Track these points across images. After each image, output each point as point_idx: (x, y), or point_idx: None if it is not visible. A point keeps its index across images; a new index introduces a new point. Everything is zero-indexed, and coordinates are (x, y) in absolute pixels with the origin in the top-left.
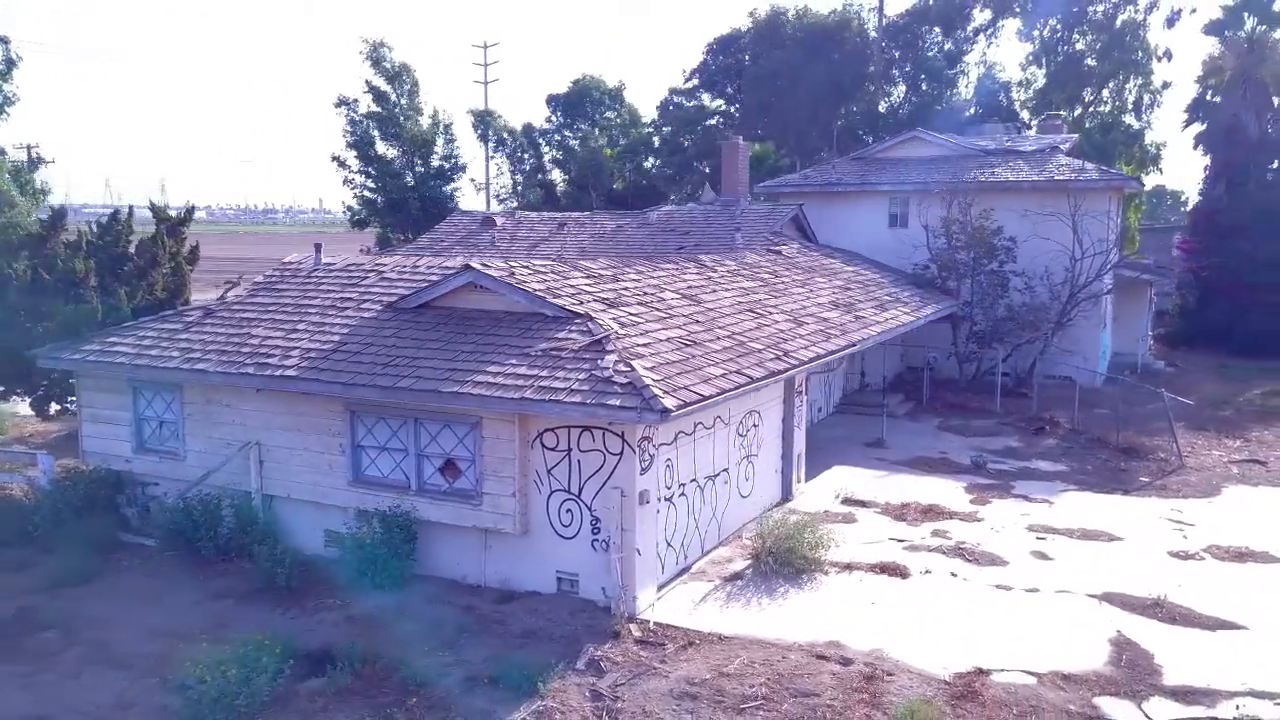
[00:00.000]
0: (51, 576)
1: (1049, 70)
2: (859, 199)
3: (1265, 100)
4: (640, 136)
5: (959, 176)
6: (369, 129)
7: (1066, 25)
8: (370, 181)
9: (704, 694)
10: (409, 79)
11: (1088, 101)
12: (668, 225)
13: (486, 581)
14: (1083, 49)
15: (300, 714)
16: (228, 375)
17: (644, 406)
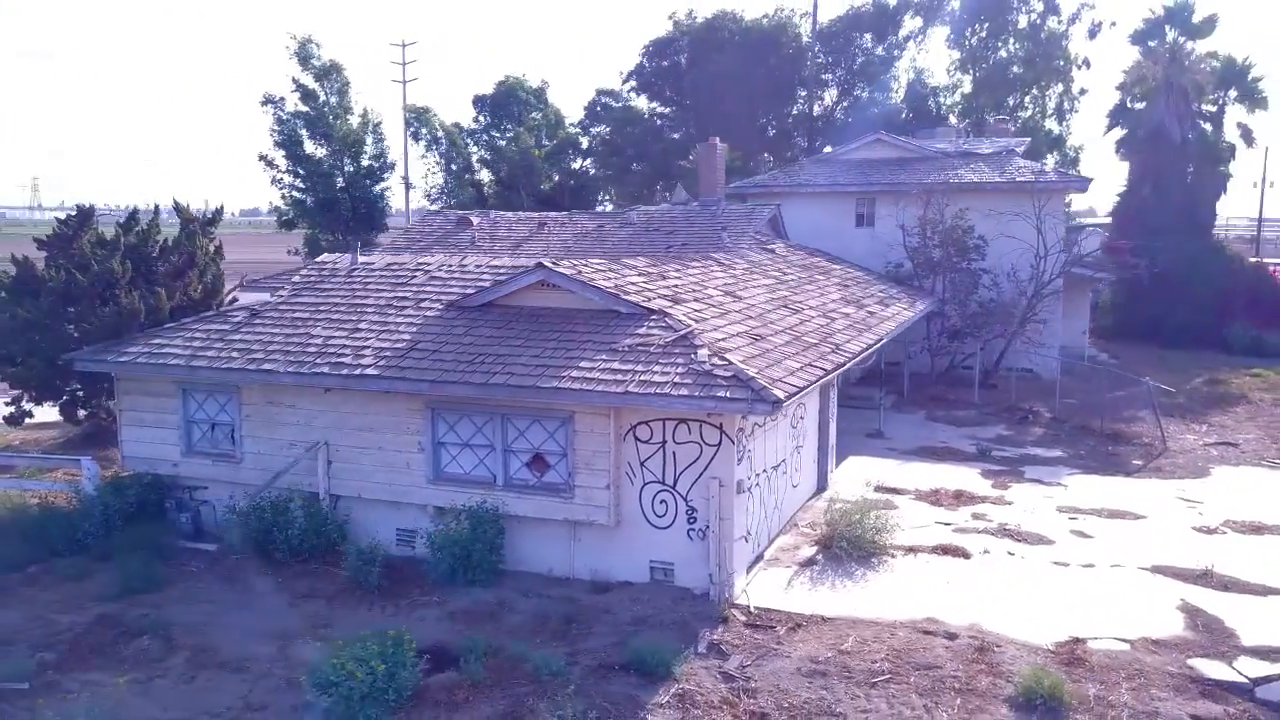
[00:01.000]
0: (120, 584)
1: (976, 77)
2: (827, 199)
3: (1186, 107)
4: (567, 137)
5: (924, 178)
6: (297, 128)
7: (993, 34)
8: (299, 182)
9: (831, 671)
10: (339, 78)
11: (1012, 107)
12: (650, 225)
13: (575, 574)
14: (1005, 57)
15: (444, 706)
16: (299, 375)
17: (754, 398)
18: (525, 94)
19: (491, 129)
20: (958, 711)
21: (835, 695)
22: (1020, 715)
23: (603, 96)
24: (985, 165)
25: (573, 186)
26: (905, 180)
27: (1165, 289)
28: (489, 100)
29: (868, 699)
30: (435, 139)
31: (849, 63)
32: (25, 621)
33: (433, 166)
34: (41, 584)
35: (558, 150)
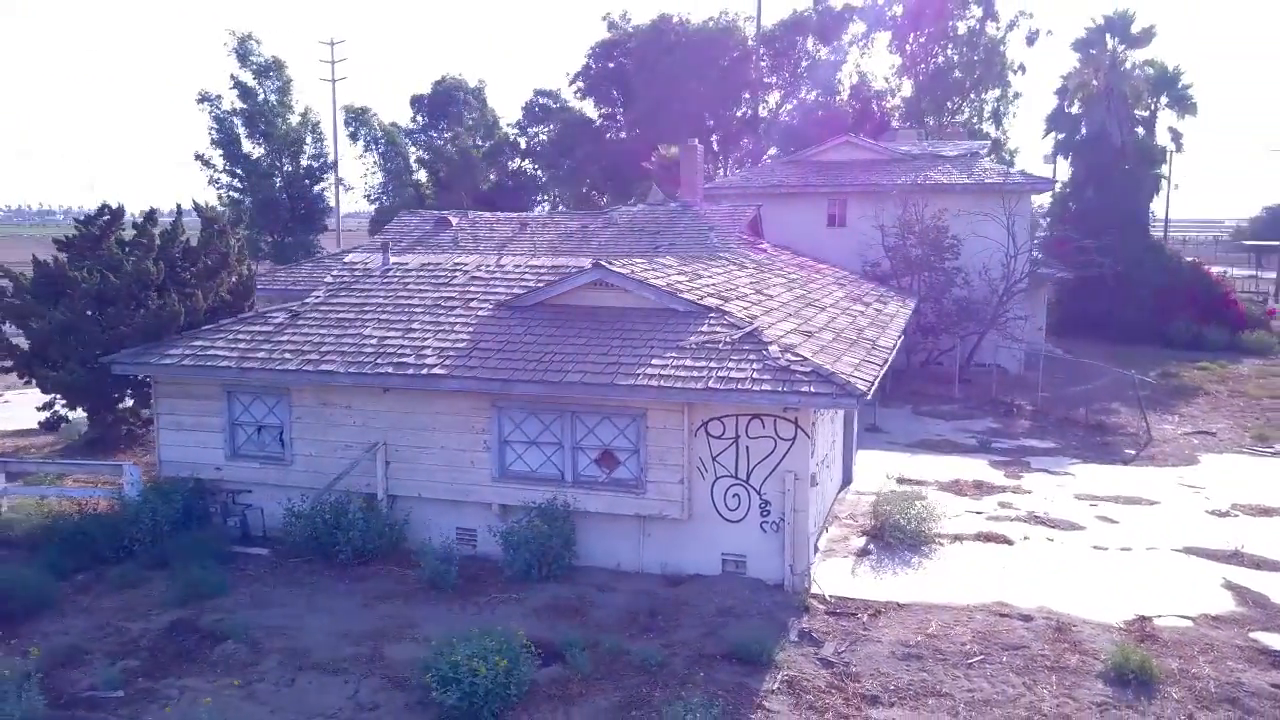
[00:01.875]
0: (183, 590)
1: (917, 81)
2: (799, 200)
3: (1126, 112)
4: (504, 137)
5: (895, 179)
6: (235, 126)
7: (934, 39)
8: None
9: (925, 653)
10: (280, 75)
11: (952, 110)
12: (635, 225)
13: (643, 567)
14: (943, 62)
15: (559, 700)
16: (361, 376)
17: (840, 392)
18: (464, 94)
19: (430, 129)
20: (1055, 688)
21: (936, 676)
22: (1115, 690)
23: (541, 97)
24: (953, 167)
25: (510, 186)
26: (877, 181)
27: (1110, 287)
28: (427, 100)
29: (968, 679)
30: (374, 139)
31: (793, 66)
32: (94, 630)
33: (371, 167)
34: (95, 592)
35: (495, 150)
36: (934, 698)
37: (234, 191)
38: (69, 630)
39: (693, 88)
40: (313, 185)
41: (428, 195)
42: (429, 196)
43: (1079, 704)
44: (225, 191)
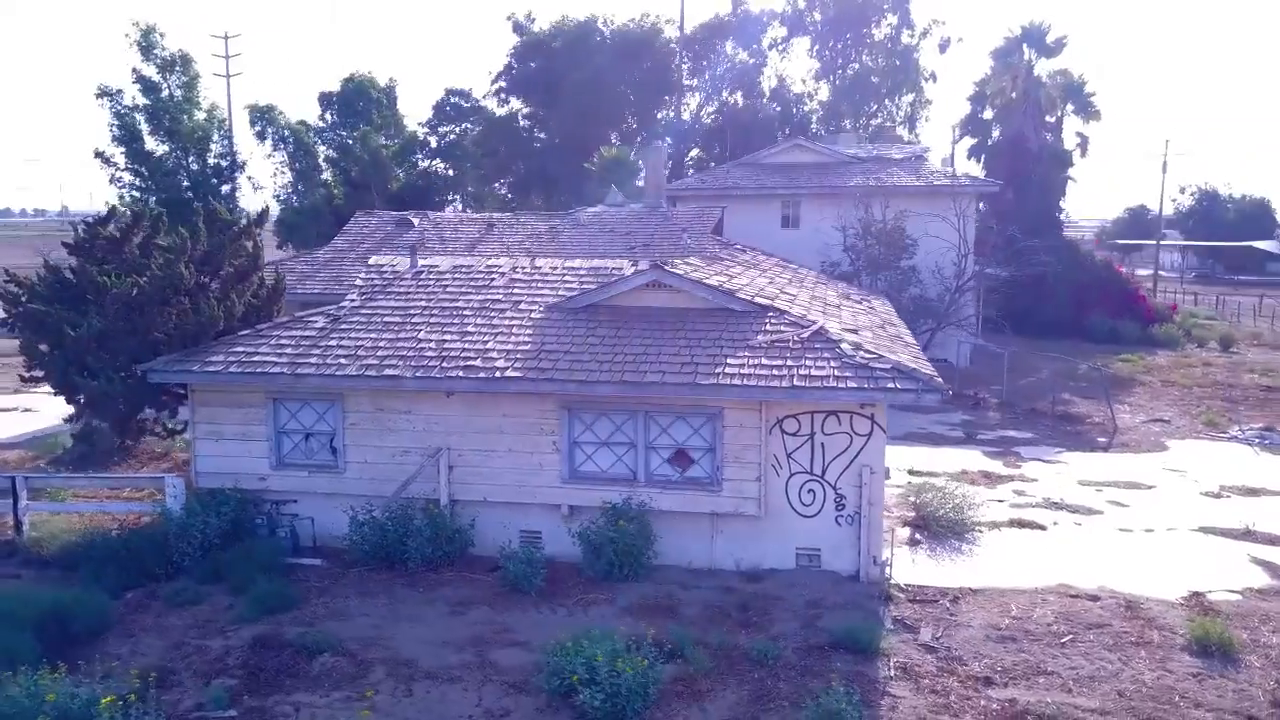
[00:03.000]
0: (254, 605)
1: (837, 85)
2: (754, 202)
3: (1041, 118)
4: (413, 136)
5: (846, 181)
6: (137, 123)
7: (852, 45)
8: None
9: (1018, 635)
10: (187, 70)
11: (868, 115)
12: (604, 226)
13: (716, 564)
14: (860, 68)
15: (692, 695)
16: (429, 380)
17: (925, 387)
18: (375, 92)
19: (339, 127)
20: (1148, 662)
21: (1036, 656)
22: (1203, 661)
23: (453, 96)
24: (900, 170)
25: (420, 186)
26: (830, 184)
27: (1032, 284)
28: (336, 98)
29: (1066, 657)
30: (282, 138)
31: (713, 69)
32: (171, 649)
33: (280, 166)
34: (154, 610)
35: (405, 149)
36: (1042, 676)
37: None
38: (144, 651)
39: (618, 89)
40: (221, 185)
41: (336, 196)
42: (337, 197)
43: (1176, 675)
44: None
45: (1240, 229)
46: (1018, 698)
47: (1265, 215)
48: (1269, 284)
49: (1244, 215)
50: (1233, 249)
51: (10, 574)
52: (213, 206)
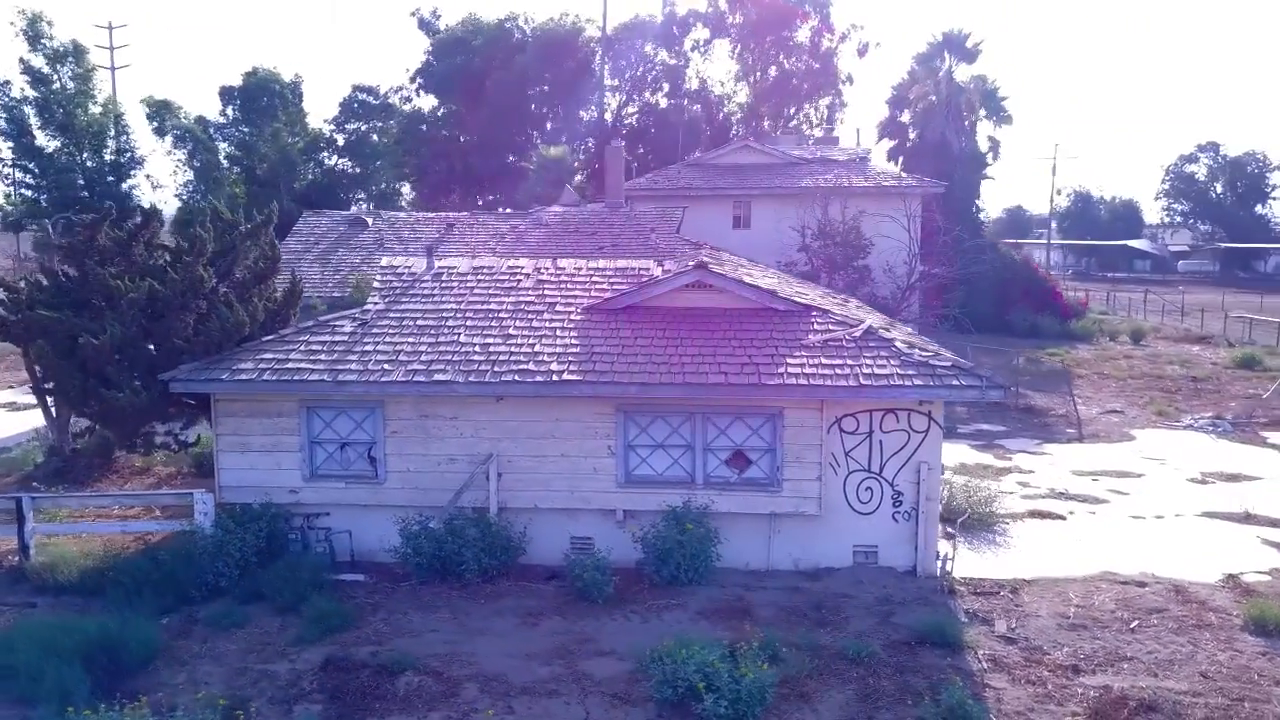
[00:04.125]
0: (310, 625)
1: (758, 87)
2: (706, 202)
3: (961, 122)
4: (318, 133)
5: (796, 182)
6: (25, 116)
7: (773, 48)
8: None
9: (1086, 623)
10: (80, 63)
11: (788, 117)
12: (567, 226)
13: (773, 564)
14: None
15: (802, 696)
16: (483, 385)
17: (987, 385)
18: (281, 88)
19: (242, 124)
20: (1215, 644)
21: (1111, 643)
22: (1265, 640)
23: (360, 93)
24: (847, 171)
25: (324, 185)
26: (780, 184)
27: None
28: (238, 92)
29: (1139, 642)
30: (182, 134)
31: (634, 69)
32: (234, 676)
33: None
34: (199, 635)
35: (310, 147)
36: (1124, 662)
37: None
38: (204, 679)
39: (540, 89)
40: (119, 182)
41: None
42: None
43: (1246, 655)
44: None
45: (1112, 228)
46: (1110, 684)
47: (1134, 216)
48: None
49: (1115, 215)
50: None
51: (23, 603)
52: (218, 206)
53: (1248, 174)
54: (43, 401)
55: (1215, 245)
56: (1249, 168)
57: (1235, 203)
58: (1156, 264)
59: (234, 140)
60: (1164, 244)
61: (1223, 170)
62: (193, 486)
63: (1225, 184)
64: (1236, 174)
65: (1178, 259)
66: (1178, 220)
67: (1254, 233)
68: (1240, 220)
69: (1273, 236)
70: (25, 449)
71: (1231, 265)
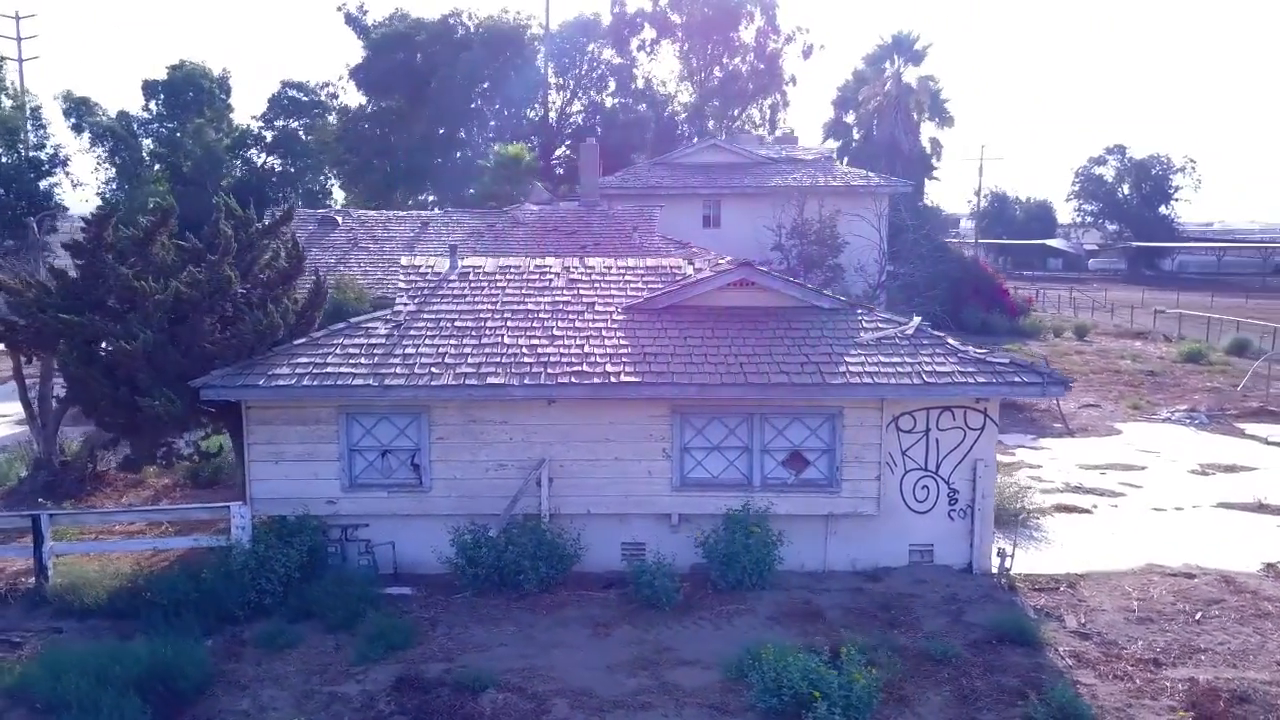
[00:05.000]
0: (371, 643)
1: (704, 87)
2: (676, 202)
3: (911, 123)
4: (245, 130)
5: (765, 181)
6: None
7: (720, 48)
8: None
9: (1152, 616)
10: None
11: (733, 118)
12: (545, 225)
13: (830, 566)
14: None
15: (898, 701)
16: (538, 388)
17: (1049, 381)
18: (208, 83)
19: (167, 119)
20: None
21: (1181, 635)
22: None
23: (289, 89)
24: (814, 170)
25: (253, 183)
26: (751, 184)
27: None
28: (163, 87)
29: (1209, 633)
30: (104, 131)
31: (579, 68)
32: (302, 699)
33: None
34: (248, 657)
35: (238, 144)
36: (1200, 654)
37: None
38: (271, 704)
39: (484, 86)
40: (38, 180)
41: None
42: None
43: None
44: None
45: (1027, 228)
46: (1195, 676)
47: (1048, 216)
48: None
49: (1031, 215)
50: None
51: (47, 629)
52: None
53: (1152, 176)
54: (29, 410)
55: (1129, 244)
56: (1153, 170)
57: (1141, 203)
58: (1068, 262)
59: (158, 136)
60: (1080, 243)
61: (1129, 172)
62: (191, 498)
63: (1131, 185)
64: (1142, 176)
65: (1090, 257)
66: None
67: (1158, 232)
68: (1145, 220)
69: (1175, 236)
70: (4, 460)
71: (1138, 263)
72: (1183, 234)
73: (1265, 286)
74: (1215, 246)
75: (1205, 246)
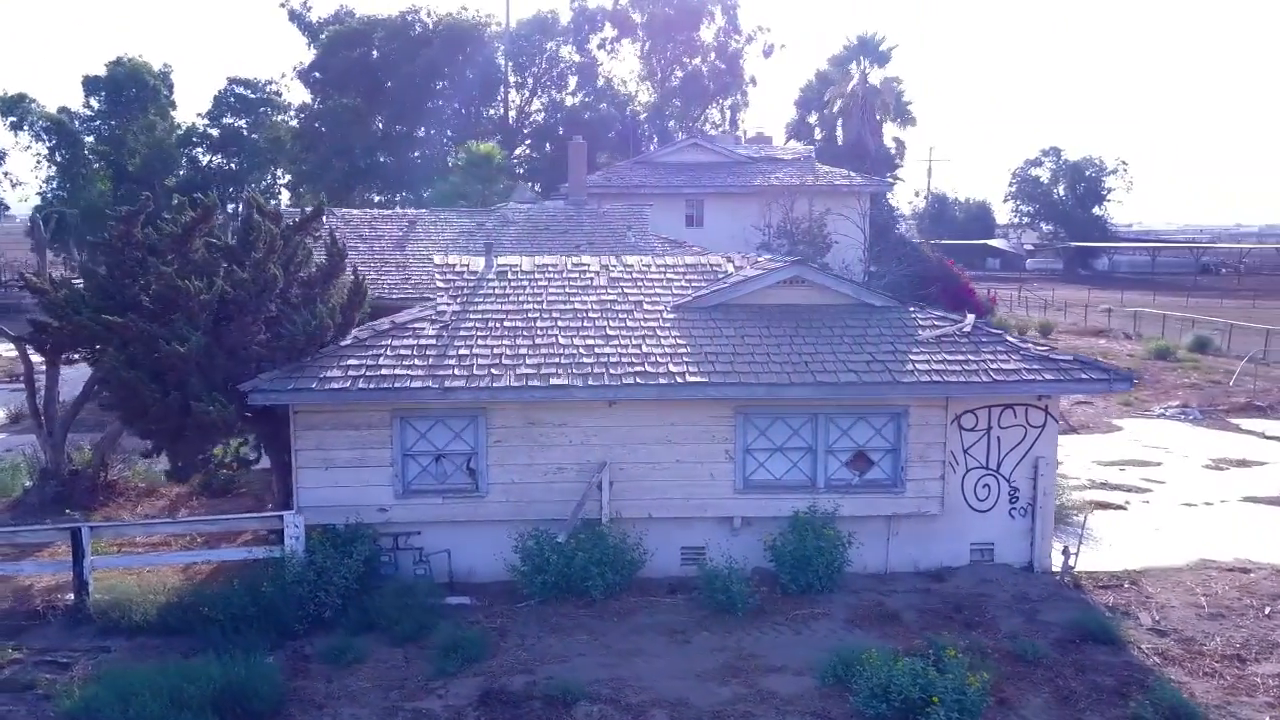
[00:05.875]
0: (446, 656)
1: (666, 87)
2: (661, 200)
3: (876, 124)
4: (191, 128)
5: (745, 181)
6: None
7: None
8: None
9: (1222, 611)
10: None
11: (696, 116)
12: (536, 224)
13: (892, 567)
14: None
15: (999, 703)
16: (603, 389)
17: (1115, 377)
18: (152, 79)
19: (109, 116)
20: None
21: (1257, 630)
22: None
23: (236, 86)
24: (796, 169)
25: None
26: (734, 183)
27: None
28: (104, 83)
29: None
30: (45, 128)
31: (538, 67)
32: (383, 716)
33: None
34: (316, 674)
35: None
36: (1277, 649)
37: None
38: None
39: (443, 84)
40: None
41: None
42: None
43: None
44: None
45: (967, 228)
46: None
47: (988, 216)
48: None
49: (970, 216)
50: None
51: (94, 648)
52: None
53: (1086, 177)
54: (37, 417)
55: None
56: (1087, 171)
57: (1075, 204)
58: (1006, 261)
59: (99, 134)
60: (1020, 243)
61: (1064, 174)
62: (207, 508)
63: (1066, 187)
64: (1076, 177)
65: (1028, 257)
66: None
67: (1091, 232)
68: (1079, 221)
69: (1108, 236)
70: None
71: (1074, 263)
72: (1114, 234)
73: (1196, 285)
74: (1149, 246)
75: (1140, 246)
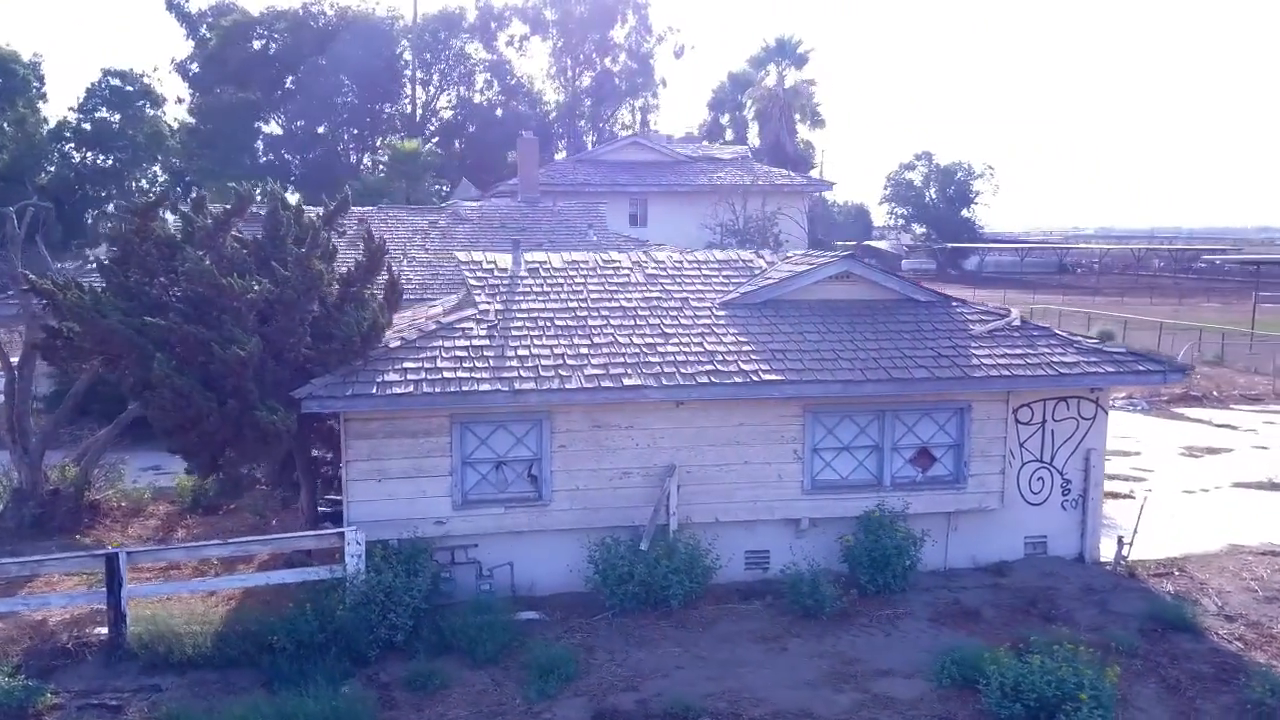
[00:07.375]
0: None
1: (576, 86)
2: (605, 199)
3: (793, 125)
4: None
5: (689, 180)
6: None
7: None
8: None
9: (1274, 594)
10: None
11: (606, 116)
12: (492, 222)
13: (951, 563)
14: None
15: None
16: (676, 389)
17: (1170, 368)
18: (22, 69)
19: None
20: None
21: None
22: None
23: (111, 78)
24: (736, 168)
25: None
26: (678, 182)
27: None
28: None
29: None
30: None
31: (446, 63)
32: None
33: None
34: (403, 704)
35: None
36: None
37: None
38: None
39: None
40: None
41: None
42: None
43: None
44: None
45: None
46: None
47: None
48: None
49: (849, 217)
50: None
51: (143, 687)
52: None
53: (955, 181)
54: (13, 434)
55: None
56: (957, 175)
57: (945, 207)
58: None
59: None
60: (900, 244)
61: (935, 177)
62: (196, 526)
63: (937, 190)
64: (946, 181)
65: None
66: (900, 223)
67: (960, 234)
68: (950, 222)
69: (976, 237)
70: None
71: (945, 264)
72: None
73: (1060, 284)
74: (1019, 247)
75: (1011, 248)
